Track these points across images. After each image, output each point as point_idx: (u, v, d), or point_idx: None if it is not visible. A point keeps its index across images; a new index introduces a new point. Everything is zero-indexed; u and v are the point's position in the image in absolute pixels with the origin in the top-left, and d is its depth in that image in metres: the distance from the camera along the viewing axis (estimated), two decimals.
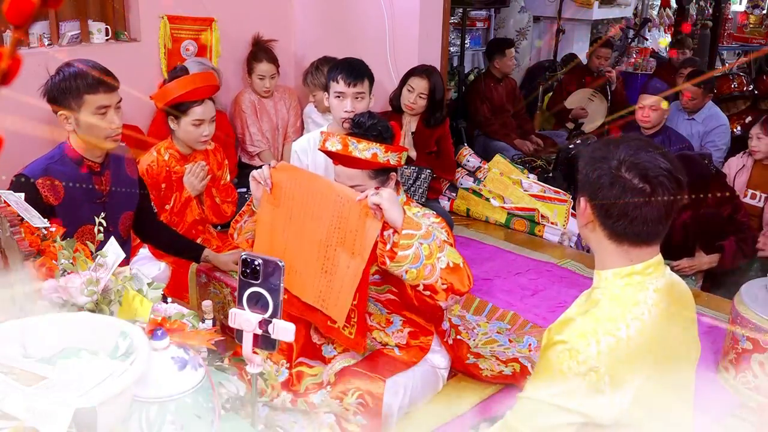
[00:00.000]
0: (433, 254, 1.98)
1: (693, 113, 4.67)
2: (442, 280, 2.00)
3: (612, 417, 1.34)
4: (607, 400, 1.33)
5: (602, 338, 1.33)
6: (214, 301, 2.71)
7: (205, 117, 2.93)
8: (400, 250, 1.94)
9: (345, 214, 2.06)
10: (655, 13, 8.18)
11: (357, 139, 2.14)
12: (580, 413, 1.34)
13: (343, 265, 2.08)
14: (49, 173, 2.24)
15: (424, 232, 1.99)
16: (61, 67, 2.24)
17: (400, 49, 4.03)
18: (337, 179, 2.24)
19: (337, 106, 2.83)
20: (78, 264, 1.51)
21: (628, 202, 1.34)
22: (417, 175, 3.75)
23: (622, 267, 1.41)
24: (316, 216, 2.12)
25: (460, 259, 2.06)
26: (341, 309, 2.09)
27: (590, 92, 5.55)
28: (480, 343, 2.69)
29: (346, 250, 2.07)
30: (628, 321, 1.35)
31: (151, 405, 1.15)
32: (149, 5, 3.81)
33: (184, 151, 3.02)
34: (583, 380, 1.32)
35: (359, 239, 2.04)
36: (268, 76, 4.05)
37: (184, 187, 3.02)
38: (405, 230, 1.95)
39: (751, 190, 3.86)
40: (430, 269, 1.98)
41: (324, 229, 2.10)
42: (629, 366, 1.34)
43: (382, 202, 1.95)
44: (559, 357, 1.34)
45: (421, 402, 2.31)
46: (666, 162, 1.36)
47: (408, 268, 1.96)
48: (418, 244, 1.96)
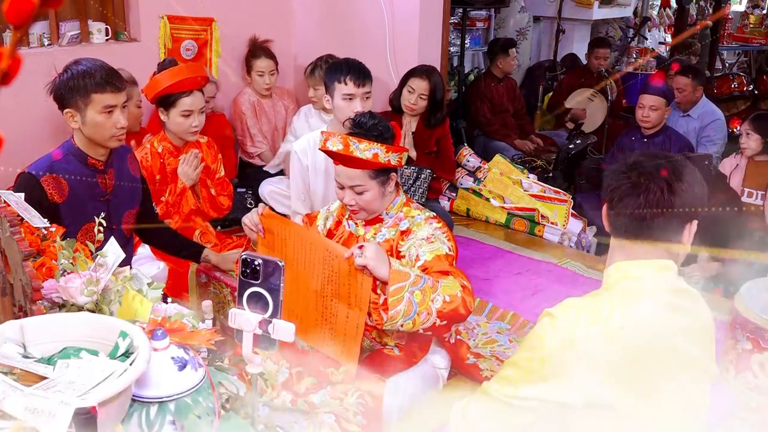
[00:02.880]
0: (426, 299, 1.98)
1: (687, 109, 4.67)
2: (441, 319, 2.01)
3: (583, 398, 1.36)
4: (578, 379, 1.36)
5: (582, 312, 1.39)
6: (214, 301, 2.71)
7: (194, 108, 2.96)
8: (391, 308, 1.95)
9: (335, 267, 2.07)
10: (655, 13, 8.18)
11: (358, 139, 2.13)
12: (545, 394, 1.38)
13: (342, 315, 2.08)
14: (53, 171, 2.24)
15: (413, 279, 1.99)
16: (69, 65, 2.25)
17: (400, 49, 4.03)
18: (338, 179, 2.24)
19: (346, 107, 2.82)
20: (78, 264, 1.51)
21: (616, 193, 1.44)
22: (417, 175, 3.75)
23: (620, 261, 1.47)
24: (308, 265, 2.13)
25: (458, 287, 2.04)
26: (349, 356, 2.09)
27: (590, 92, 5.55)
28: (480, 343, 2.69)
29: (343, 302, 2.07)
30: (614, 308, 1.40)
31: (151, 405, 1.15)
32: (149, 5, 3.81)
33: (176, 143, 3.06)
34: (558, 351, 1.37)
35: (353, 292, 2.04)
36: (267, 72, 4.06)
37: (179, 179, 3.05)
38: (393, 286, 1.96)
39: (747, 188, 3.87)
40: (425, 314, 1.98)
41: (318, 279, 2.11)
42: (605, 350, 1.36)
43: (368, 263, 1.95)
44: (541, 324, 1.43)
45: (421, 402, 2.31)
46: (658, 162, 1.42)
47: (403, 321, 1.97)
48: (408, 294, 1.96)
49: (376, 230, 2.30)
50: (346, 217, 2.40)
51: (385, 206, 2.29)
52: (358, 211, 2.26)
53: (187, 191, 3.07)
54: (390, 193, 2.27)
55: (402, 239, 2.25)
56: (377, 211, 2.28)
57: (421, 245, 2.17)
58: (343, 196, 2.26)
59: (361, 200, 2.22)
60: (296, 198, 3.06)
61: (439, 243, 2.17)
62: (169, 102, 2.95)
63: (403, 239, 2.25)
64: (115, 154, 2.41)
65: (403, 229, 2.27)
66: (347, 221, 2.38)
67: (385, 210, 2.30)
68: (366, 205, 2.23)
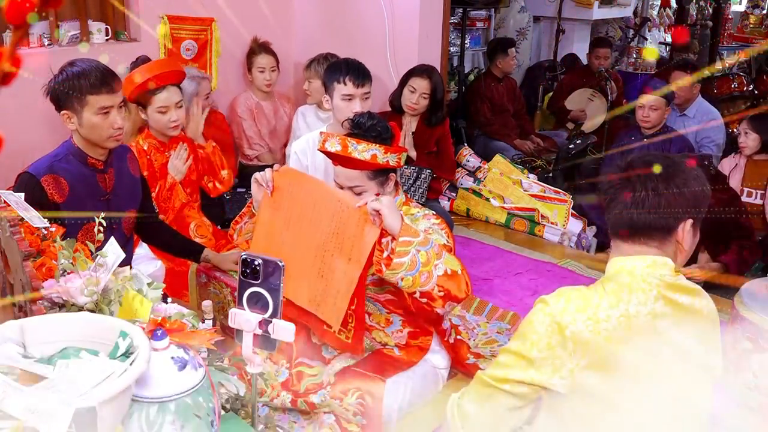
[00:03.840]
0: (430, 261, 1.97)
1: (684, 108, 4.66)
2: (439, 288, 1.99)
3: (569, 383, 1.39)
4: (563, 363, 1.39)
5: (573, 300, 1.44)
6: (214, 301, 2.71)
7: (170, 103, 2.98)
8: (396, 257, 1.94)
9: (344, 219, 2.06)
10: (655, 13, 8.18)
11: (357, 140, 2.13)
12: (532, 381, 1.42)
13: (340, 270, 2.08)
14: (53, 171, 2.25)
15: (422, 239, 1.98)
16: (64, 66, 2.24)
17: (400, 49, 4.03)
18: (337, 180, 2.24)
19: (345, 108, 2.82)
20: (78, 264, 1.51)
21: (609, 193, 1.50)
22: (417, 175, 3.75)
23: (616, 257, 1.52)
24: (315, 220, 2.12)
25: (458, 266, 2.04)
26: (337, 314, 2.09)
27: (590, 92, 5.55)
28: (480, 343, 2.69)
29: (344, 256, 2.07)
30: (603, 298, 1.44)
31: (151, 405, 1.15)
32: (149, 5, 3.81)
33: (161, 139, 3.10)
34: (546, 335, 1.42)
35: (357, 245, 2.03)
36: (268, 68, 4.07)
37: (168, 174, 3.09)
38: (402, 237, 1.95)
39: (746, 188, 3.87)
40: (426, 276, 1.97)
41: (322, 234, 2.10)
42: (591, 337, 1.39)
43: (382, 208, 1.95)
44: (534, 310, 1.49)
45: (421, 402, 2.31)
46: (649, 162, 1.46)
47: (404, 275, 1.95)
48: (415, 251, 1.95)
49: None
50: None
51: None
52: None
53: (176, 186, 3.10)
54: (389, 193, 2.27)
55: None
56: None
57: None
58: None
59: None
60: None
61: (437, 235, 2.17)
62: (145, 99, 2.97)
63: None
64: (114, 153, 2.41)
65: None
66: None
67: None
68: None
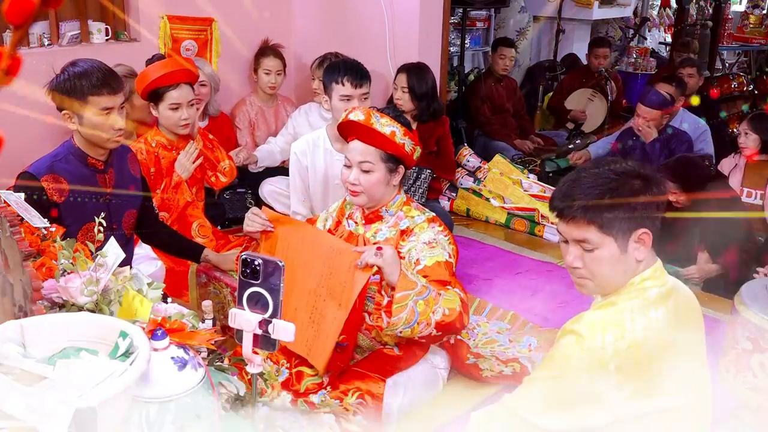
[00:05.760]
0: (428, 310, 2.01)
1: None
2: (437, 330, 2.05)
3: (611, 417, 1.36)
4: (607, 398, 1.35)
5: (609, 329, 1.38)
6: (214, 301, 2.71)
7: (182, 101, 2.99)
8: (394, 315, 1.98)
9: (336, 265, 2.10)
10: (655, 13, 8.18)
11: (381, 114, 2.20)
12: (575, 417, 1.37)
13: (330, 316, 2.11)
14: (54, 171, 2.24)
15: (419, 288, 2.02)
16: (65, 66, 2.24)
17: (400, 48, 4.03)
18: (348, 155, 2.26)
19: (343, 108, 2.82)
20: (78, 264, 1.51)
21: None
22: (417, 175, 3.75)
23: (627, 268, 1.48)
24: (308, 266, 2.16)
25: (457, 301, 2.08)
26: (323, 359, 2.13)
27: (590, 92, 5.55)
28: (480, 343, 2.69)
29: (334, 301, 2.10)
30: (634, 318, 1.40)
31: (151, 405, 1.15)
32: (149, 5, 3.81)
33: (170, 137, 3.09)
34: (588, 373, 1.36)
35: (346, 291, 2.07)
36: (274, 71, 4.08)
37: (174, 172, 3.08)
38: (399, 292, 1.98)
39: (746, 188, 3.86)
40: (424, 325, 2.02)
41: (315, 279, 2.14)
42: (635, 361, 1.36)
43: (384, 267, 2.00)
44: (567, 344, 1.42)
45: (421, 402, 2.31)
46: (633, 166, 1.47)
47: (402, 329, 2.02)
48: (412, 303, 1.99)
49: (376, 229, 2.30)
50: (346, 217, 2.40)
51: (385, 199, 2.29)
52: (359, 193, 2.26)
53: (182, 184, 3.10)
54: (393, 186, 2.29)
55: (402, 239, 2.25)
56: (376, 201, 2.28)
57: (423, 249, 2.18)
58: (348, 176, 2.26)
59: (365, 180, 2.22)
60: (296, 198, 3.07)
61: (440, 249, 2.18)
62: (158, 96, 2.98)
63: (403, 239, 2.25)
64: (115, 154, 2.41)
65: (403, 228, 2.27)
66: (347, 220, 2.38)
67: (385, 207, 2.30)
68: (368, 188, 2.23)
